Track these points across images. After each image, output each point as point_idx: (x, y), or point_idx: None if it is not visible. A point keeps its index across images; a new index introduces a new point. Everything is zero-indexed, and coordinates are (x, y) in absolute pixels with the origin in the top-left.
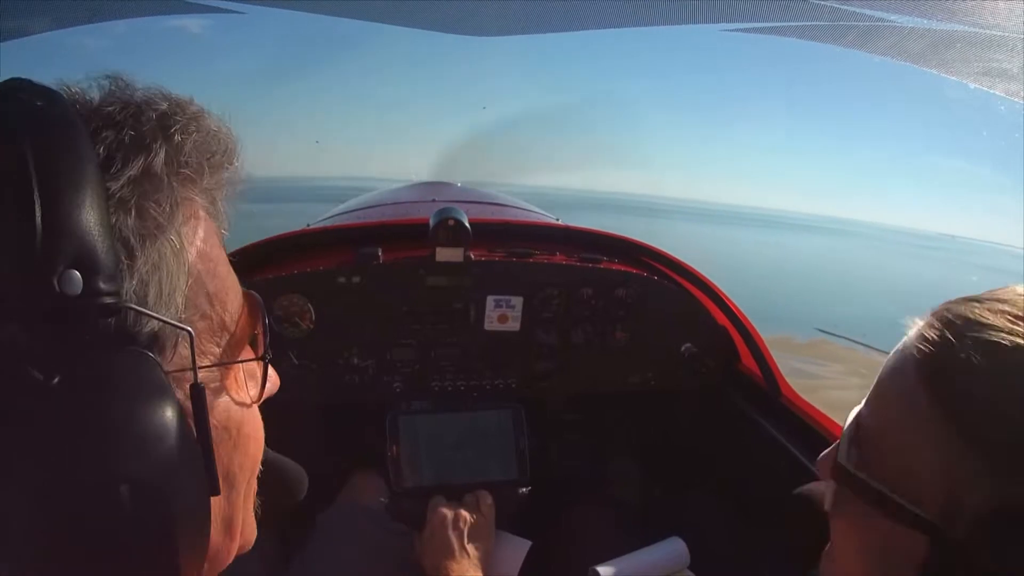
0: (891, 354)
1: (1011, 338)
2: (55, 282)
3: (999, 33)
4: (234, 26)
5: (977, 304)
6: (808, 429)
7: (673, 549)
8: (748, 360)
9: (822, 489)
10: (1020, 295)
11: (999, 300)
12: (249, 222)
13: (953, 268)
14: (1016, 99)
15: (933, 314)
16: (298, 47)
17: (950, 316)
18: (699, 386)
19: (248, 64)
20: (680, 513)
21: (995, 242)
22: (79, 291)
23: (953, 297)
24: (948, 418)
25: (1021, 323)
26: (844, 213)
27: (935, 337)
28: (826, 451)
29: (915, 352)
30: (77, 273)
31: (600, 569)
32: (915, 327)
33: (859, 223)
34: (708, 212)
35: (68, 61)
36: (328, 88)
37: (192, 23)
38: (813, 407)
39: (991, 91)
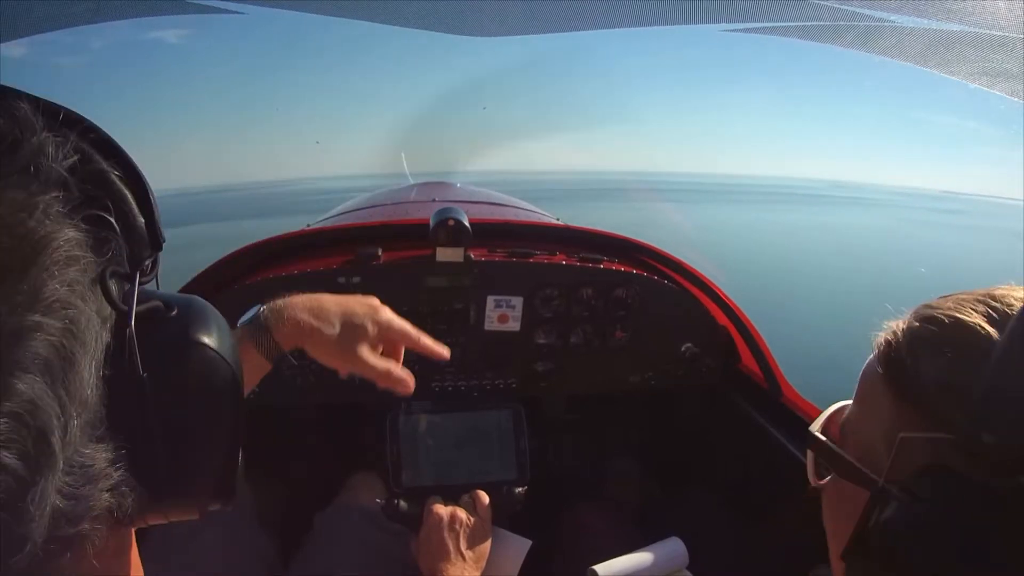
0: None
1: (947, 314)
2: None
3: (999, 33)
4: (213, 32)
5: (938, 299)
6: (808, 429)
7: (672, 549)
8: (748, 360)
9: None
10: (977, 290)
11: (957, 294)
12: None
13: (997, 238)
14: (1016, 98)
15: (905, 314)
16: (287, 48)
17: (912, 310)
18: (699, 386)
19: (234, 68)
20: (680, 513)
21: (997, 196)
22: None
23: None
24: (891, 386)
25: (965, 304)
26: (844, 176)
27: (894, 331)
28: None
29: (877, 348)
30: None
31: (599, 569)
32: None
33: (865, 187)
34: (703, 188)
35: (43, 82)
36: (325, 87)
37: (169, 34)
38: (813, 407)
39: (991, 91)
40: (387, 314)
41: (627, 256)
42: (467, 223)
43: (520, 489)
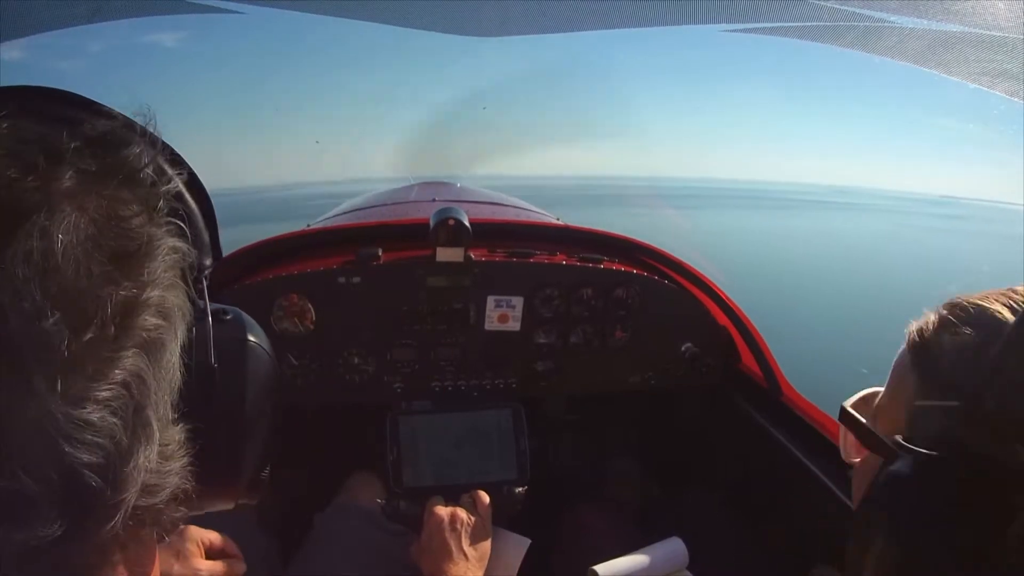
0: None
1: (972, 302)
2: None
3: (999, 33)
4: (210, 34)
5: (969, 293)
6: (808, 429)
7: (672, 549)
8: (749, 360)
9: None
10: (1006, 288)
11: (993, 291)
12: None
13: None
14: (1016, 99)
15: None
16: (284, 49)
17: (945, 304)
18: (699, 386)
19: (231, 71)
20: (680, 513)
21: (999, 200)
22: None
23: None
24: (916, 369)
25: (989, 296)
26: (842, 181)
27: (925, 321)
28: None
29: (911, 337)
30: None
31: (599, 569)
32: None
33: (864, 191)
34: (701, 193)
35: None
36: (324, 90)
37: (166, 37)
38: (813, 407)
39: (991, 91)
40: (196, 532)
41: (627, 256)
42: (467, 223)
43: (520, 489)
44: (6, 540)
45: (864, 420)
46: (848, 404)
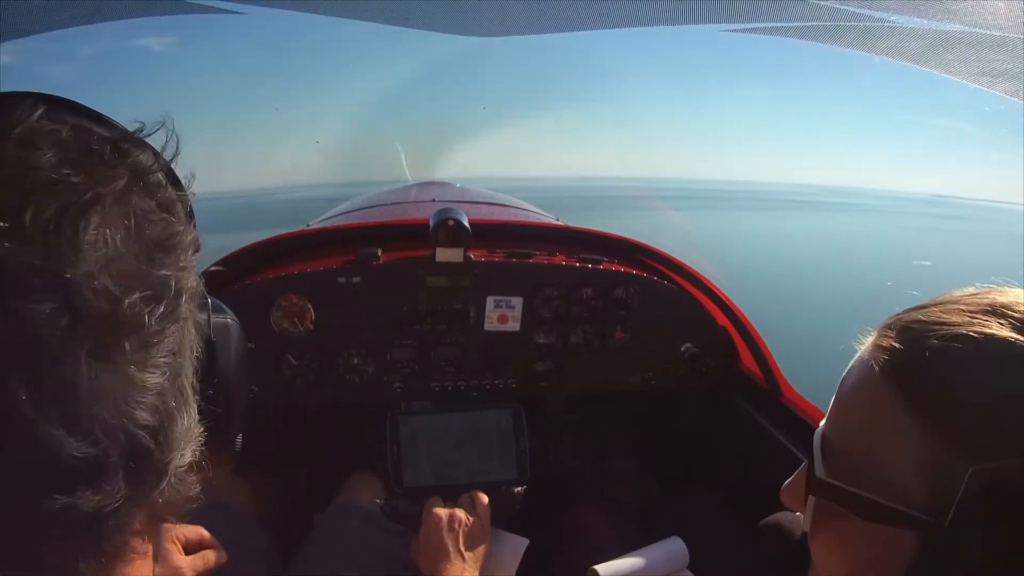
0: (847, 371)
1: (973, 329)
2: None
3: (999, 33)
4: (201, 37)
5: (927, 309)
6: (809, 429)
7: (673, 549)
8: (748, 360)
9: (788, 518)
10: (966, 295)
11: (949, 302)
12: None
13: None
14: (1016, 99)
15: (884, 326)
16: (279, 50)
17: (905, 323)
18: (699, 386)
19: (222, 74)
20: (680, 513)
21: (993, 200)
22: None
23: None
24: (921, 414)
25: (979, 316)
26: (833, 182)
27: (894, 345)
28: (790, 480)
29: (876, 362)
30: None
31: (600, 569)
32: (867, 342)
33: (856, 192)
34: (689, 195)
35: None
36: (322, 92)
37: (154, 42)
38: (813, 407)
39: (991, 91)
40: (170, 530)
41: (627, 256)
42: (467, 223)
43: (520, 489)
44: (83, 505)
45: (873, 496)
46: (825, 474)
